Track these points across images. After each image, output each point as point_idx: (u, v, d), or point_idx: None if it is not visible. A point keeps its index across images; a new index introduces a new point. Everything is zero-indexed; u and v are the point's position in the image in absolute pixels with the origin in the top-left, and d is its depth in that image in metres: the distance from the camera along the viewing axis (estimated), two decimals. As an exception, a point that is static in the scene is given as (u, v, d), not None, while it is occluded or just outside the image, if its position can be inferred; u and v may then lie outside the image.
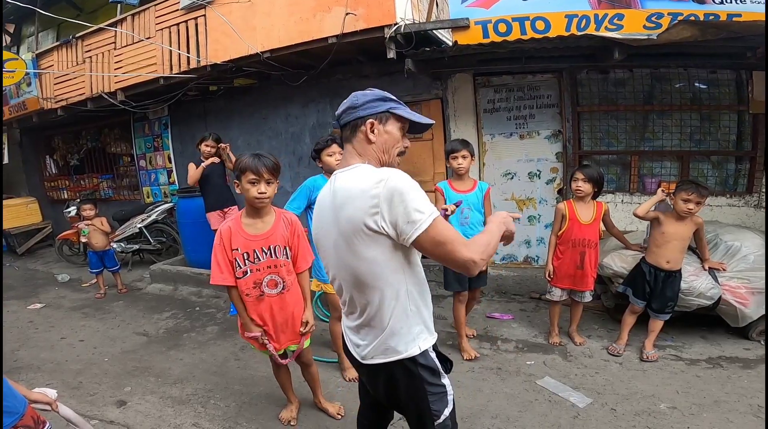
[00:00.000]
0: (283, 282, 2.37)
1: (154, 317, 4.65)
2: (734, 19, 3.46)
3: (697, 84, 4.23)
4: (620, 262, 3.53)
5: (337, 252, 1.47)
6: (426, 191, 1.43)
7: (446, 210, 2.75)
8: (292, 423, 2.68)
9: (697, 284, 3.16)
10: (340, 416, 2.74)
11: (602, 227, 3.35)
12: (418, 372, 1.47)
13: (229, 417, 2.82)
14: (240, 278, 2.31)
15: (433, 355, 1.51)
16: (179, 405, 2.99)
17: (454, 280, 3.32)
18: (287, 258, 2.39)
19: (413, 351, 1.46)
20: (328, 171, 3.07)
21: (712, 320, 3.41)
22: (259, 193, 2.21)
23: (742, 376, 2.93)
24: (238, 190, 2.26)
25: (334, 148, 2.98)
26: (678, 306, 3.21)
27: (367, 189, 1.34)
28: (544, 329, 3.72)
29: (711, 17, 3.54)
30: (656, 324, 3.22)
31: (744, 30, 3.14)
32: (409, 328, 1.46)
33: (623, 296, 3.41)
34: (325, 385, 2.99)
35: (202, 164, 4.67)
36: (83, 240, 5.31)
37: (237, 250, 2.28)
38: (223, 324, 4.37)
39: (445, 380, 1.53)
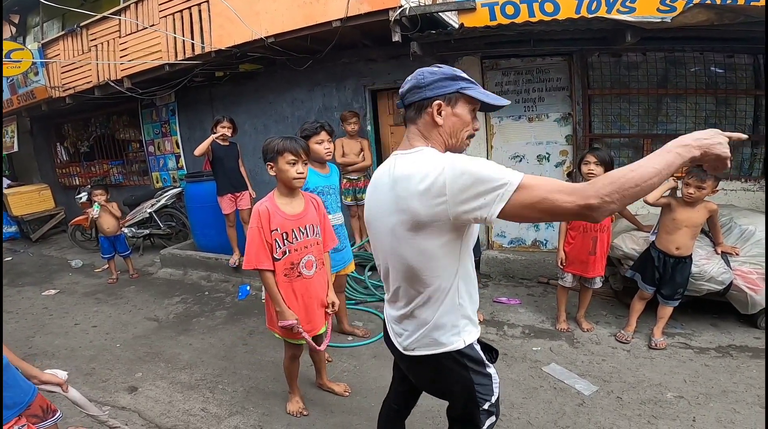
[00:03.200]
0: (316, 262, 2.41)
1: (165, 302, 4.72)
2: (752, 3, 3.32)
3: (713, 68, 4.11)
4: (631, 243, 3.48)
5: (392, 240, 1.38)
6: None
7: None
8: (304, 413, 2.69)
9: (708, 268, 3.10)
10: (347, 393, 2.82)
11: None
12: (465, 363, 1.44)
13: (237, 402, 2.87)
14: (278, 260, 2.31)
15: (477, 347, 1.49)
16: (188, 390, 3.04)
17: None
18: (319, 237, 2.44)
19: (458, 344, 1.43)
20: (316, 160, 3.05)
21: (723, 307, 3.35)
22: (298, 173, 2.28)
23: (751, 365, 2.88)
24: (272, 173, 2.29)
25: (323, 135, 2.95)
26: (687, 291, 3.15)
27: (429, 175, 1.22)
28: (551, 315, 3.71)
29: (728, 1, 3.41)
30: (665, 310, 3.18)
31: (761, 14, 3.01)
32: (455, 322, 1.42)
33: (632, 280, 3.36)
34: (330, 370, 3.03)
35: (211, 137, 4.69)
36: (94, 214, 5.28)
37: (276, 230, 2.28)
38: (231, 309, 4.43)
39: (491, 369, 1.50)
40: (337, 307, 2.58)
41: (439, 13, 3.92)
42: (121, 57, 5.66)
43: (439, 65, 1.39)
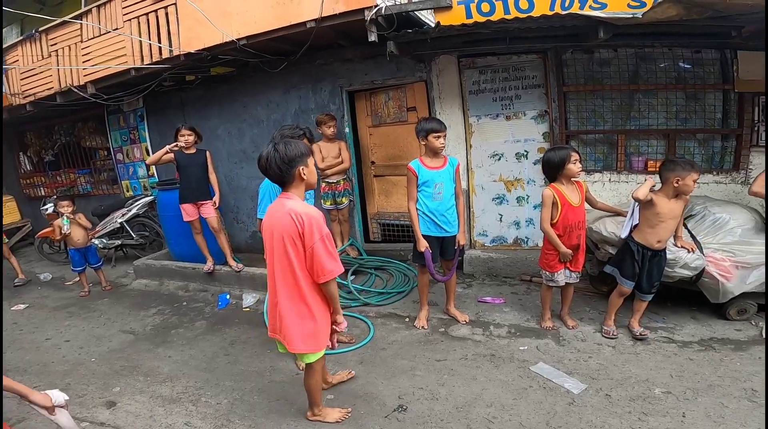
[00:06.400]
0: None
1: (141, 314, 4.57)
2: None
3: (681, 63, 4.20)
4: (612, 227, 3.47)
5: None
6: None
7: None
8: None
9: (682, 254, 3.13)
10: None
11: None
12: None
13: (222, 414, 2.77)
14: None
15: None
16: (170, 404, 2.94)
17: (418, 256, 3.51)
18: None
19: None
20: None
21: (701, 299, 3.39)
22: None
23: (735, 358, 2.91)
24: (304, 176, 2.17)
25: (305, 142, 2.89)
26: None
27: None
28: (536, 313, 3.72)
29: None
30: (641, 304, 3.22)
31: (729, 9, 3.08)
32: None
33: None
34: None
35: (165, 147, 4.61)
36: (65, 231, 5.11)
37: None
38: (211, 318, 4.31)
39: None
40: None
41: (416, 12, 3.90)
42: (83, 62, 5.44)
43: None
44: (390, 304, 4.21)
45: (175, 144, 4.64)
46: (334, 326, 2.36)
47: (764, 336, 3.16)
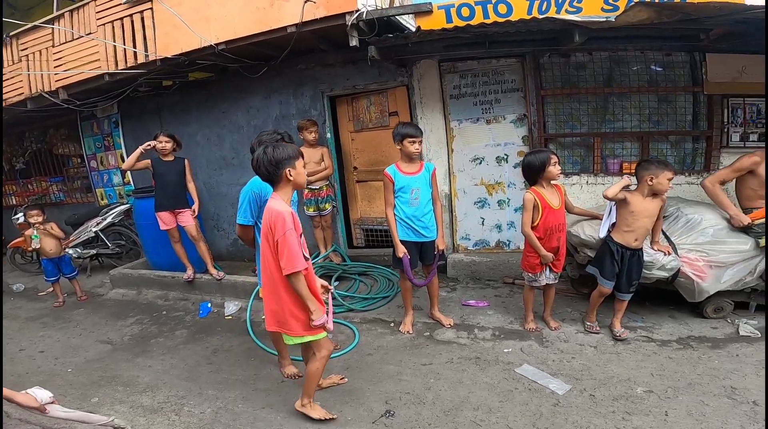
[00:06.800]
0: None
1: (118, 324, 4.45)
2: (688, 0, 3.53)
3: (653, 67, 4.33)
4: (590, 230, 3.52)
5: None
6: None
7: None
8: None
9: (659, 256, 3.20)
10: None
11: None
12: None
13: (206, 424, 2.71)
14: (307, 259, 2.40)
15: None
16: (151, 414, 2.86)
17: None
18: None
19: None
20: None
21: (678, 298, 3.46)
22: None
23: (712, 356, 2.97)
24: (290, 177, 2.31)
25: None
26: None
27: None
28: (519, 315, 3.75)
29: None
30: (622, 304, 3.27)
31: (698, 11, 3.20)
32: None
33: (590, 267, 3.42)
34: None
35: (138, 149, 4.56)
36: (35, 246, 5.00)
37: (302, 235, 2.38)
38: (192, 327, 4.22)
39: None
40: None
41: (397, 17, 3.91)
42: (55, 67, 5.30)
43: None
44: (375, 309, 4.19)
45: (148, 144, 4.57)
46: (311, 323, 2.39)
47: (765, 334, 3.19)
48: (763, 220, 3.25)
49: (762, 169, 3.24)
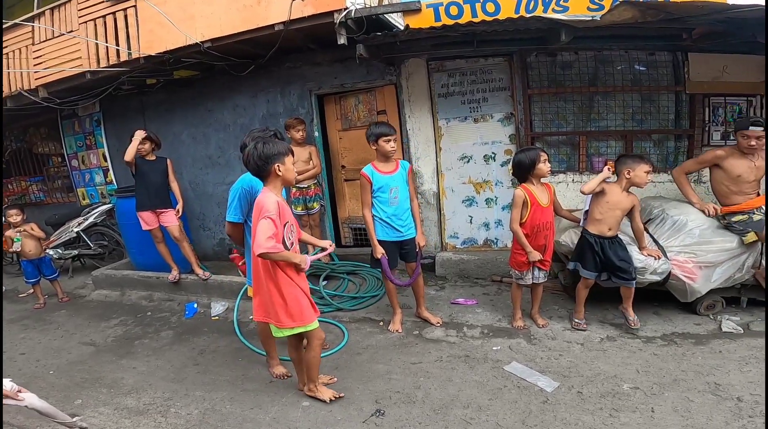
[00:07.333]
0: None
1: (102, 325, 4.37)
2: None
3: (637, 66, 4.40)
4: (577, 238, 3.57)
5: None
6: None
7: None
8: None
9: (650, 261, 3.24)
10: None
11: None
12: None
13: (193, 425, 2.67)
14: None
15: None
16: (137, 416, 2.81)
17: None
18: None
19: None
20: None
21: (663, 295, 3.51)
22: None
23: (696, 352, 3.01)
24: (279, 173, 2.38)
25: None
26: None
27: None
28: (507, 313, 3.76)
29: (650, -1, 3.67)
30: (628, 291, 3.26)
31: (681, 11, 3.26)
32: None
33: (579, 274, 3.44)
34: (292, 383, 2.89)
35: (137, 135, 4.53)
36: (16, 248, 4.88)
37: (288, 222, 2.44)
38: (178, 328, 4.16)
39: None
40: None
41: (385, 15, 3.90)
42: (35, 65, 5.18)
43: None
44: (363, 308, 4.17)
45: (142, 131, 4.56)
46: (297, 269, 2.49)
47: (765, 332, 3.21)
48: (740, 217, 3.33)
49: (728, 164, 3.37)
